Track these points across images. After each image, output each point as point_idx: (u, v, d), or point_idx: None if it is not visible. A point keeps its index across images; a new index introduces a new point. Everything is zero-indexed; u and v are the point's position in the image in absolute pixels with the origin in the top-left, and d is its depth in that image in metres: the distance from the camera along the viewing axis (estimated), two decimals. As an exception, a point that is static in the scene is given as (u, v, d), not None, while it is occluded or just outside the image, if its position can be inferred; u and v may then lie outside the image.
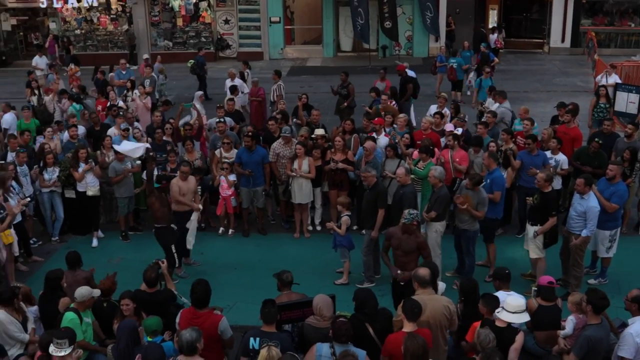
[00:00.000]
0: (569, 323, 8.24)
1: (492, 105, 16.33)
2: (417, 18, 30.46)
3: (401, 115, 15.06)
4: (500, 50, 30.02)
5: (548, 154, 13.14)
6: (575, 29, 30.30)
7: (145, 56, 23.55)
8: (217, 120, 15.09)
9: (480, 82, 19.83)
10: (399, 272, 9.75)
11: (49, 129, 15.10)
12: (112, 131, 15.09)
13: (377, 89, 17.68)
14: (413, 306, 7.49)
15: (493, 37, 29.05)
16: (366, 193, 11.84)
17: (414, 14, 30.59)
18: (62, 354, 7.33)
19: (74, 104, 17.84)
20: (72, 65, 23.61)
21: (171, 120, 15.30)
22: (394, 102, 16.77)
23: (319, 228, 14.08)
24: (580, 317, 8.19)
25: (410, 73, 20.03)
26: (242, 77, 20.61)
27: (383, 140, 13.93)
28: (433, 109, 16.23)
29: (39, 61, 24.75)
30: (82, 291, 8.53)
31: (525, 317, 8.02)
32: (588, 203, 10.77)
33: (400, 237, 9.89)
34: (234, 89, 18.24)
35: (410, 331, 7.27)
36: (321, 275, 12.07)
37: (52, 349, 7.38)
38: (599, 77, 20.86)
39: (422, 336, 7.11)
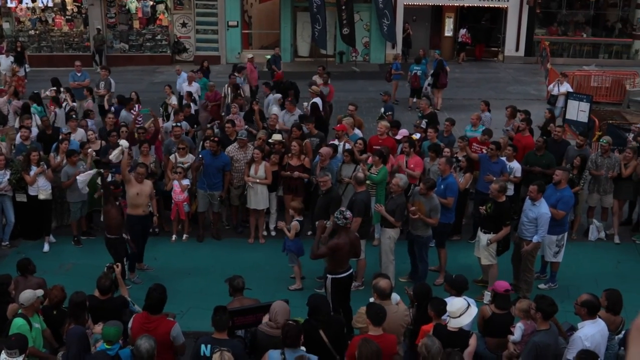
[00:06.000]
0: (517, 330, 8.36)
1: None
2: (374, 25, 30.64)
3: (346, 118, 15.18)
4: (468, 47, 30.63)
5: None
6: (529, 38, 30.79)
7: (250, 56, 23.02)
8: (174, 124, 14.98)
9: None
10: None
11: None
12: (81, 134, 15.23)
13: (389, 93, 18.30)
14: (378, 310, 7.59)
15: (462, 31, 29.73)
16: (319, 198, 11.88)
17: (371, 20, 30.76)
18: None
19: (35, 105, 17.52)
20: (14, 65, 23.26)
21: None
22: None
23: (273, 233, 14.06)
24: (528, 324, 8.31)
25: None
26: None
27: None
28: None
29: (3, 61, 24.16)
30: (27, 295, 8.37)
31: (469, 317, 8.10)
32: (539, 209, 10.97)
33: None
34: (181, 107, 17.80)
35: (375, 335, 7.36)
36: (275, 281, 12.07)
37: (3, 357, 7.26)
38: (551, 85, 21.28)
39: (387, 341, 7.23)
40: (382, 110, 17.39)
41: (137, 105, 17.36)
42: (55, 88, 19.05)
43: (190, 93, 18.47)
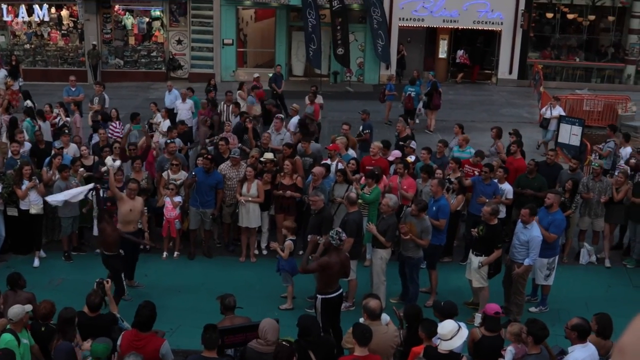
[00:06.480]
0: (508, 354, 8.32)
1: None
2: (368, 45, 30.76)
3: (339, 138, 15.20)
4: (466, 69, 30.85)
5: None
6: (522, 62, 30.95)
7: (257, 75, 23.01)
8: (169, 140, 14.97)
9: None
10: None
11: None
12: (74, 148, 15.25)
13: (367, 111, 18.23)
14: (364, 331, 7.56)
15: (460, 52, 30.05)
16: (311, 218, 11.89)
17: (365, 41, 30.89)
18: None
19: (28, 119, 17.45)
20: (8, 79, 23.22)
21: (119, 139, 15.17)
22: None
23: (265, 252, 14.03)
24: (519, 347, 8.29)
25: None
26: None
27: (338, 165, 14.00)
28: (294, 121, 17.40)
29: None
30: (15, 310, 8.32)
31: (460, 339, 8.07)
32: (531, 232, 10.99)
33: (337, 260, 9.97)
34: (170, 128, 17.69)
35: (360, 356, 7.32)
36: (266, 300, 12.03)
37: None
38: (543, 109, 21.38)
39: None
40: (361, 128, 17.48)
41: (117, 122, 17.37)
42: (29, 101, 19.12)
43: (167, 109, 18.60)
